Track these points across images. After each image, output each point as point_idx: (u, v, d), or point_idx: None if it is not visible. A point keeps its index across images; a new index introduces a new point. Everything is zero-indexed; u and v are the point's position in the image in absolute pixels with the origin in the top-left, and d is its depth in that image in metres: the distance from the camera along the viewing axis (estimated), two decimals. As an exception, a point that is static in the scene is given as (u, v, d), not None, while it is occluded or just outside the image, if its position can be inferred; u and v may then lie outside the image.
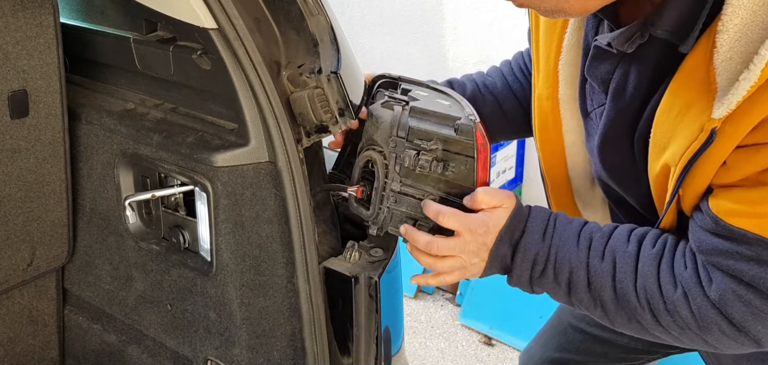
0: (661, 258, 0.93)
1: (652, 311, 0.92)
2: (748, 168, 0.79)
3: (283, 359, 1.16)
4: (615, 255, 0.95)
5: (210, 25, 0.98)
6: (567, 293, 0.99)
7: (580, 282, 0.97)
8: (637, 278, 0.93)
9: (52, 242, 1.37)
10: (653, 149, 0.90)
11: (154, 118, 1.22)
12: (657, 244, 0.94)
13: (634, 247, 0.95)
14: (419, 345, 2.67)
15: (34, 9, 1.17)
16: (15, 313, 1.42)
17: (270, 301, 1.14)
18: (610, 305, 0.95)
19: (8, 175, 1.24)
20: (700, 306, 0.88)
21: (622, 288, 0.94)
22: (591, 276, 0.96)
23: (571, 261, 0.97)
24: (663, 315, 0.91)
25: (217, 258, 1.16)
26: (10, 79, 1.17)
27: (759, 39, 0.73)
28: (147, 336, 1.38)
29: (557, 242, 0.98)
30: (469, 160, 1.03)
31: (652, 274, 0.92)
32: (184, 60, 1.10)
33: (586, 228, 0.99)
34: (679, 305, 0.89)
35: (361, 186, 1.14)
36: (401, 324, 1.44)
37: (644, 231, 0.97)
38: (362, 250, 1.13)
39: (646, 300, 0.92)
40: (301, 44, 1.04)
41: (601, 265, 0.95)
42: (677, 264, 0.91)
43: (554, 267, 0.98)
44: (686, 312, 0.89)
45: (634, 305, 0.93)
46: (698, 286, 0.88)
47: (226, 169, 1.08)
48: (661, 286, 0.91)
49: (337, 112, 1.05)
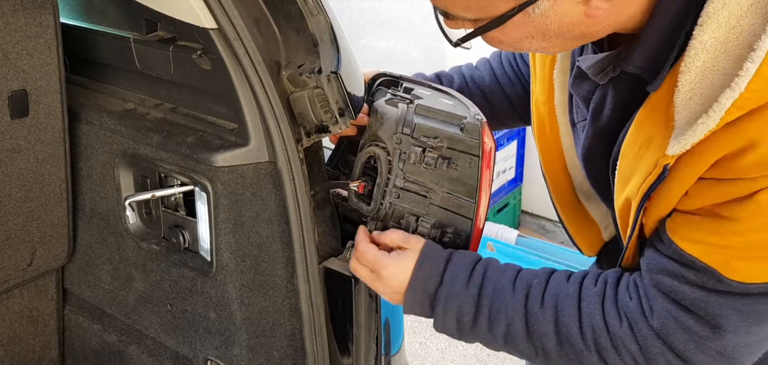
0: (603, 295, 0.92)
1: (598, 351, 0.91)
2: (705, 199, 0.80)
3: (283, 359, 1.16)
4: (556, 299, 0.93)
5: (210, 25, 0.98)
6: (503, 343, 0.96)
7: (518, 332, 0.94)
8: (582, 318, 0.91)
9: (52, 242, 1.37)
10: (618, 181, 0.91)
11: (154, 118, 1.22)
12: (598, 283, 0.94)
13: (574, 288, 0.93)
14: (419, 345, 2.67)
15: (34, 9, 1.17)
16: (15, 313, 1.42)
17: (270, 301, 1.14)
18: (553, 352, 0.94)
19: (8, 175, 1.24)
20: (646, 336, 0.88)
21: (566, 332, 0.92)
22: (531, 325, 0.94)
23: (507, 311, 0.94)
24: (610, 353, 0.90)
25: (217, 258, 1.16)
26: (10, 79, 1.17)
27: (720, 85, 0.73)
28: (147, 336, 1.38)
29: (491, 292, 0.96)
30: (473, 159, 1.04)
31: (597, 311, 0.91)
32: (184, 60, 1.10)
33: (522, 275, 0.97)
34: (625, 339, 0.89)
35: (362, 181, 1.14)
36: (401, 324, 1.44)
37: (583, 273, 0.96)
38: (362, 250, 1.14)
39: (593, 339, 0.90)
40: (301, 44, 1.04)
41: (541, 311, 0.93)
42: (621, 298, 0.91)
43: (488, 319, 0.95)
44: (633, 345, 0.88)
45: (579, 348, 0.91)
46: (642, 317, 0.88)
47: (226, 169, 1.08)
48: (607, 322, 0.90)
49: (337, 112, 1.05)
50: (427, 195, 1.09)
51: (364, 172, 1.16)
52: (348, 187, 1.15)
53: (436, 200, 1.08)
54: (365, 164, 1.15)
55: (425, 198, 1.09)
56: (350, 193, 1.15)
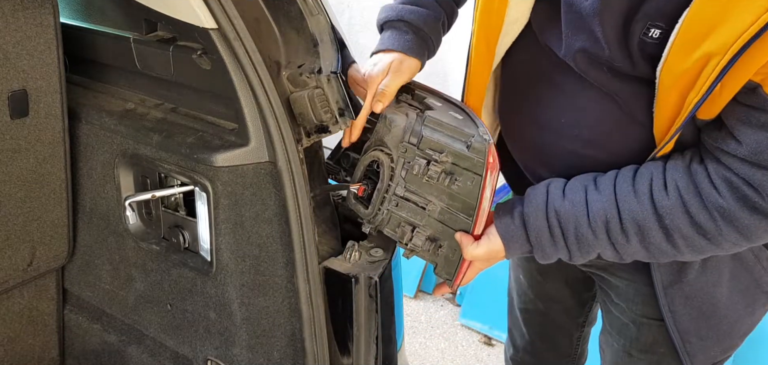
0: (684, 203, 0.90)
1: (692, 249, 0.93)
2: None
3: (283, 359, 1.16)
4: (637, 224, 0.93)
5: (210, 25, 0.98)
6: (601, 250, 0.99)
7: (611, 255, 0.98)
8: (669, 234, 0.92)
9: (52, 242, 1.37)
10: (682, 43, 0.81)
11: (154, 118, 1.22)
12: (670, 193, 0.91)
13: (649, 207, 0.92)
14: (419, 345, 2.67)
15: (34, 9, 1.17)
16: (15, 313, 1.42)
17: (270, 301, 1.14)
18: (646, 258, 0.97)
19: (8, 175, 1.24)
20: (749, 224, 0.87)
21: (657, 247, 0.93)
22: (620, 250, 0.97)
23: (596, 246, 0.98)
24: (706, 248, 0.91)
25: (217, 258, 1.16)
26: (10, 79, 1.17)
27: None
28: (147, 336, 1.38)
29: (573, 238, 0.99)
30: (476, 178, 1.03)
31: (685, 222, 0.90)
32: (184, 60, 1.10)
33: (593, 210, 0.96)
34: (725, 233, 0.88)
35: (363, 184, 1.14)
36: (401, 324, 1.45)
37: (648, 185, 0.93)
38: (362, 250, 1.14)
39: (685, 245, 0.92)
40: (301, 44, 1.04)
41: (626, 240, 0.95)
42: (709, 200, 0.88)
43: (583, 256, 1.00)
44: (733, 235, 0.88)
45: (671, 252, 0.94)
46: (743, 208, 0.86)
47: (226, 169, 1.08)
48: (699, 227, 0.89)
49: (337, 112, 1.05)
50: (425, 207, 1.09)
51: (366, 175, 1.15)
52: (348, 189, 1.15)
53: (434, 213, 1.08)
54: (368, 167, 1.15)
55: (423, 210, 1.09)
56: (349, 195, 1.15)
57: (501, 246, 1.04)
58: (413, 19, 1.14)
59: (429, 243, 1.09)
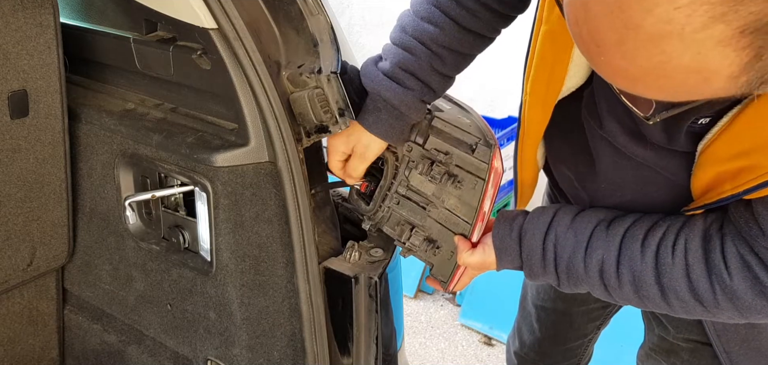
0: (687, 268, 0.88)
1: (685, 311, 0.90)
2: None
3: (283, 359, 1.16)
4: (633, 275, 0.91)
5: (210, 25, 0.98)
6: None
7: (601, 294, 0.97)
8: (664, 292, 0.90)
9: (52, 242, 1.37)
10: (732, 135, 0.79)
11: (154, 118, 1.22)
12: (676, 256, 0.89)
13: (651, 263, 0.90)
14: (419, 345, 2.67)
15: (34, 9, 1.17)
16: (15, 313, 1.42)
17: (270, 301, 1.14)
18: (636, 304, 0.95)
19: (8, 175, 1.24)
20: (750, 304, 0.85)
21: (649, 299, 0.91)
22: (612, 293, 0.95)
23: (587, 283, 0.96)
24: (700, 312, 0.90)
25: (217, 258, 1.16)
26: (10, 79, 1.17)
27: None
28: (147, 336, 1.38)
29: (565, 268, 0.97)
30: (479, 182, 1.03)
31: (683, 286, 0.88)
32: (184, 60, 1.10)
33: (592, 247, 0.95)
34: (721, 303, 0.86)
35: (365, 180, 1.15)
36: (401, 324, 1.45)
37: (655, 245, 0.91)
38: (362, 250, 1.14)
39: (679, 305, 0.89)
40: (301, 44, 1.04)
41: (619, 286, 0.93)
42: (714, 270, 0.86)
43: (571, 287, 0.98)
44: (728, 306, 0.86)
45: (663, 308, 0.92)
46: (749, 288, 0.84)
47: (226, 169, 1.08)
48: (696, 294, 0.87)
49: (337, 112, 1.05)
50: (426, 207, 1.09)
51: (369, 171, 1.15)
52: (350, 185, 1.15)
53: (433, 214, 1.08)
54: (371, 164, 1.15)
55: (424, 210, 1.09)
56: (351, 190, 1.15)
57: (494, 259, 1.03)
58: (390, 97, 1.04)
59: (427, 243, 1.09)
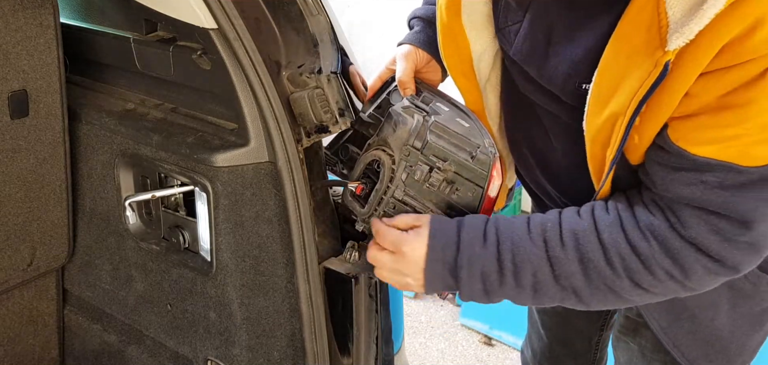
0: (620, 220, 0.89)
1: (629, 276, 0.89)
2: (710, 94, 0.77)
3: (283, 359, 1.16)
4: (575, 236, 0.91)
5: (210, 25, 0.98)
6: (532, 294, 0.94)
7: (546, 279, 0.92)
8: (606, 249, 0.89)
9: (52, 242, 1.37)
10: (595, 101, 0.85)
11: (154, 118, 1.22)
12: (610, 210, 0.91)
13: (589, 221, 0.91)
14: (419, 345, 2.67)
15: (34, 9, 1.17)
16: (15, 313, 1.42)
17: (270, 301, 1.14)
18: (583, 289, 0.92)
19: (8, 175, 1.24)
20: (679, 248, 0.85)
21: (594, 266, 0.90)
22: (556, 268, 0.92)
23: (531, 260, 0.92)
24: (642, 275, 0.88)
25: (217, 258, 1.16)
26: (10, 79, 1.17)
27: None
28: (147, 336, 1.38)
29: (509, 246, 0.93)
30: (477, 189, 1.02)
31: (621, 238, 0.88)
32: (184, 60, 1.10)
33: (533, 222, 0.94)
34: (656, 256, 0.87)
35: (361, 182, 1.13)
36: (401, 324, 1.45)
37: (590, 205, 0.93)
38: (362, 250, 1.13)
39: (622, 266, 0.89)
40: (301, 44, 1.04)
41: (563, 252, 0.91)
42: (641, 217, 0.88)
43: (513, 273, 0.93)
44: (666, 261, 0.86)
45: (609, 278, 0.90)
46: (671, 231, 0.86)
47: (226, 169, 1.08)
48: (633, 246, 0.88)
49: (337, 112, 1.05)
50: (422, 213, 1.08)
51: (365, 173, 1.15)
52: (346, 186, 1.14)
53: None
54: (368, 166, 1.14)
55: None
56: (346, 192, 1.14)
57: (420, 250, 0.97)
58: (423, 13, 1.20)
59: None
